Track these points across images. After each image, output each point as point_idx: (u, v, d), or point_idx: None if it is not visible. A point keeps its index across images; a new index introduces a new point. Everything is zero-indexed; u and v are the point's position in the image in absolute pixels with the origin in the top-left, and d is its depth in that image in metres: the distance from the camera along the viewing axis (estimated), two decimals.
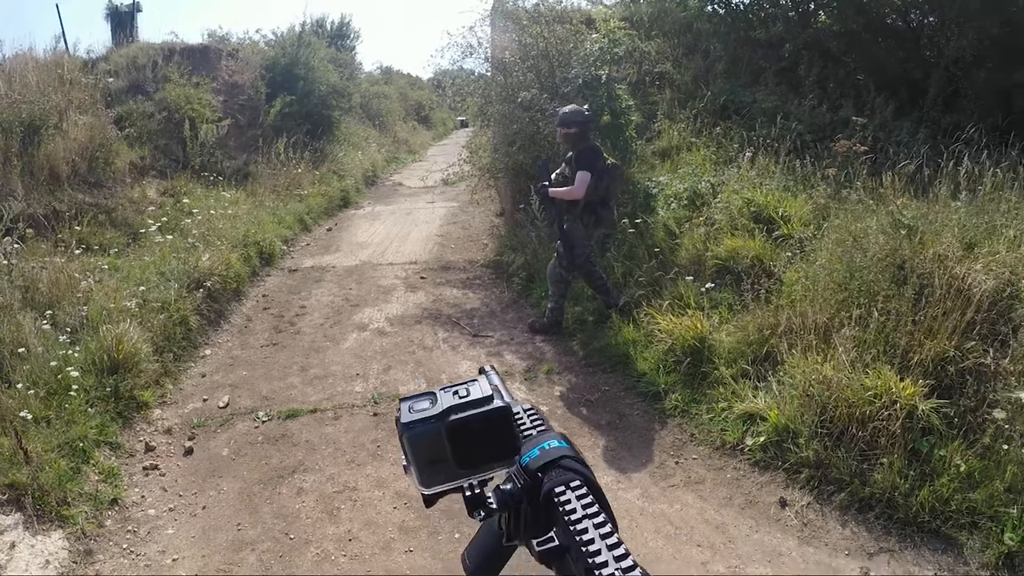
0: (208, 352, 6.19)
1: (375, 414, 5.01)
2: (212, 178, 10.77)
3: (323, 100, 15.18)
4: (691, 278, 5.74)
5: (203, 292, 6.61)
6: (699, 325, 5.09)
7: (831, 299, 4.70)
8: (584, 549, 0.70)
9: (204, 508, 4.01)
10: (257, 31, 17.99)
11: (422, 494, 0.92)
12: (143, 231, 8.02)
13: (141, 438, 4.72)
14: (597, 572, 0.66)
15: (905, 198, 5.31)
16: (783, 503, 3.78)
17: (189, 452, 4.60)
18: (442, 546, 3.62)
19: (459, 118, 27.47)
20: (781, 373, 4.47)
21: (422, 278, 8.23)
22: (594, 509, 0.75)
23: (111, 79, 11.34)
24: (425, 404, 0.91)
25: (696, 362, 4.96)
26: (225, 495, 4.13)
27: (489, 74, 9.00)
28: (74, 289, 5.94)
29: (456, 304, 7.29)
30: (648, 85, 9.62)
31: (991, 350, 3.94)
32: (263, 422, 4.96)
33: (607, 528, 0.72)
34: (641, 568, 0.66)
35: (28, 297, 5.69)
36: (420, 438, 0.88)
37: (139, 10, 15.74)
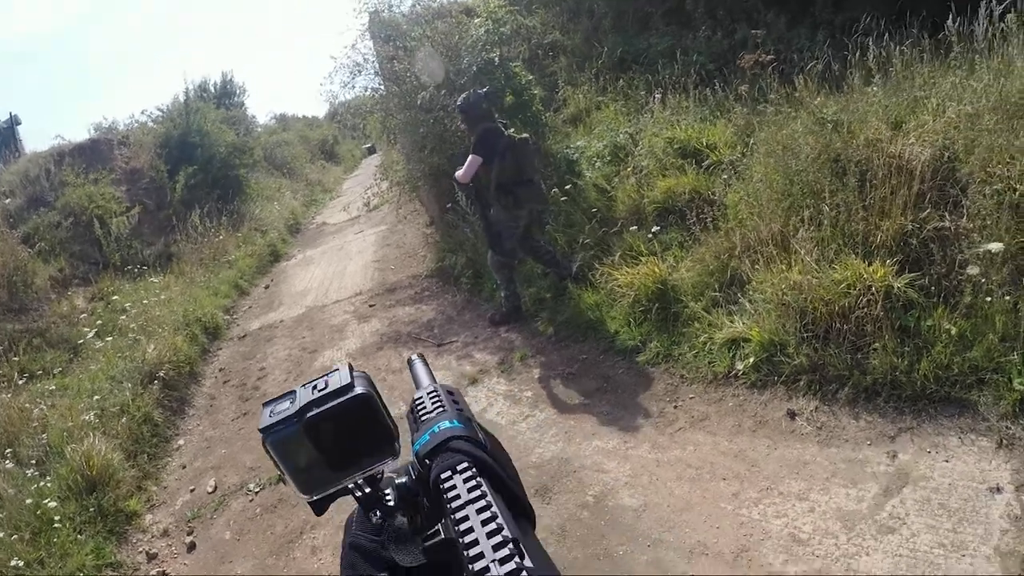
0: (181, 442, 5.95)
1: None
2: (136, 269, 10.53)
3: (225, 161, 14.98)
4: (635, 227, 5.69)
5: (158, 384, 6.38)
6: (656, 269, 5.04)
7: (778, 208, 4.69)
8: (461, 540, 0.61)
9: None
10: (143, 112, 17.60)
11: (307, 503, 0.85)
12: (81, 342, 7.75)
13: (140, 548, 4.51)
14: (471, 566, 0.57)
15: (822, 96, 5.35)
16: (792, 414, 3.74)
17: (192, 547, 4.41)
18: None
19: (365, 146, 27.18)
20: (751, 291, 4.45)
21: (371, 306, 8.06)
22: (478, 493, 0.66)
23: (7, 199, 11.05)
24: (286, 404, 0.84)
25: (664, 306, 4.91)
26: None
27: (383, 87, 8.84)
28: (28, 420, 5.73)
29: (412, 320, 7.15)
30: (542, 58, 9.60)
31: (947, 214, 3.96)
32: (256, 493, 4.79)
33: (493, 518, 0.63)
34: (527, 569, 0.55)
35: None
36: (282, 442, 0.81)
37: (18, 123, 15.42)
